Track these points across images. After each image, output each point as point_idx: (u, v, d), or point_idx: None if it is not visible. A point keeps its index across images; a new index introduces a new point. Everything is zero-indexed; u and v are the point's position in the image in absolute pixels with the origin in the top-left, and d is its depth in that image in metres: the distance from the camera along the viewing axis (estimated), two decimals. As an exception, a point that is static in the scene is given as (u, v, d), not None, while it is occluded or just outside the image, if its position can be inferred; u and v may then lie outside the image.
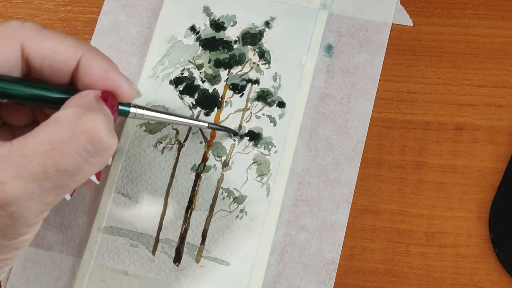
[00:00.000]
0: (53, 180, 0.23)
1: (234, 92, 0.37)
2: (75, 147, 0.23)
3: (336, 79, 0.36)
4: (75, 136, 0.23)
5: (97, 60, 0.27)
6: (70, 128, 0.23)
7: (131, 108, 0.29)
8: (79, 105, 0.25)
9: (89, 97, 0.26)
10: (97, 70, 0.27)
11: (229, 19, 0.38)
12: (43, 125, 0.24)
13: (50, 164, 0.23)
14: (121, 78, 0.27)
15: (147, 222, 0.35)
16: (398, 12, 0.37)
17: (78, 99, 0.25)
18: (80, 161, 0.24)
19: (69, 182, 0.24)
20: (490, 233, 0.33)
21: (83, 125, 0.24)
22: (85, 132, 0.24)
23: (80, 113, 0.24)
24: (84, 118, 0.24)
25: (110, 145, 0.25)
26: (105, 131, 0.24)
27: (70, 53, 0.26)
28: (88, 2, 0.39)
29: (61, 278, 0.34)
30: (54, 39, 0.26)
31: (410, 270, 0.33)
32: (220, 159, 0.35)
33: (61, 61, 0.26)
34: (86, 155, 0.24)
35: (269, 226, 0.34)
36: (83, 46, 0.27)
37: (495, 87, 0.35)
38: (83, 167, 0.24)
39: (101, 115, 0.24)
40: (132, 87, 0.28)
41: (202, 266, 0.34)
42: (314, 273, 0.33)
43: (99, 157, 0.24)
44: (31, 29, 0.26)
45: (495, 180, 0.34)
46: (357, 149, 0.35)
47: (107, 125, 0.24)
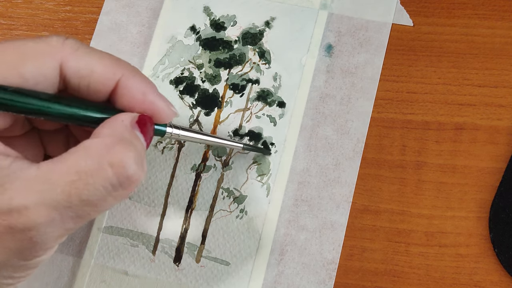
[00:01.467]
0: (75, 209, 0.23)
1: (234, 92, 0.37)
2: (101, 180, 0.23)
3: (336, 79, 0.36)
4: (102, 168, 0.23)
5: (135, 81, 0.26)
6: (98, 160, 0.23)
7: (168, 128, 0.28)
8: (111, 135, 0.24)
9: (124, 124, 0.25)
10: (135, 93, 0.26)
11: (229, 19, 0.38)
12: (72, 151, 0.24)
13: (74, 194, 0.23)
14: (159, 100, 0.27)
15: (147, 222, 0.35)
16: (398, 12, 0.37)
17: (112, 125, 0.25)
18: (104, 194, 0.24)
19: (91, 211, 0.24)
20: (490, 233, 0.33)
21: (112, 158, 0.23)
22: (113, 166, 0.23)
23: (110, 144, 0.24)
24: (113, 151, 0.23)
25: (137, 179, 0.24)
26: (133, 165, 0.24)
27: (108, 74, 0.26)
28: (88, 2, 0.39)
29: (61, 278, 0.34)
30: (93, 58, 0.26)
31: (410, 270, 0.33)
32: (220, 159, 0.35)
33: (99, 82, 0.26)
34: (111, 188, 0.24)
35: (269, 226, 0.34)
36: (122, 66, 0.26)
37: (495, 87, 0.35)
38: (106, 199, 0.24)
39: (131, 148, 0.24)
40: (170, 109, 0.27)
41: (202, 266, 0.34)
42: (314, 273, 0.33)
43: (124, 190, 0.24)
44: (70, 47, 0.25)
45: (495, 180, 0.34)
46: (357, 149, 0.35)
47: (136, 158, 0.24)
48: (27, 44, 0.25)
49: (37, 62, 0.25)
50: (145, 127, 0.26)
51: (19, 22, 0.39)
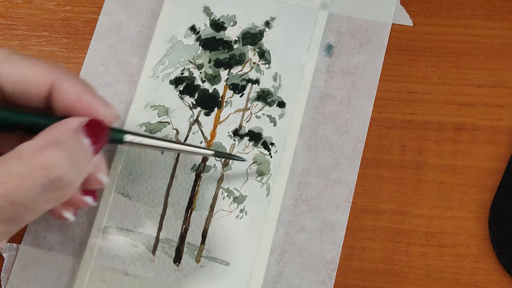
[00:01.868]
0: (6, 211, 0.23)
1: (234, 92, 0.37)
2: (30, 181, 0.23)
3: (336, 79, 0.36)
4: (31, 171, 0.23)
5: (69, 84, 0.26)
6: (28, 162, 0.23)
7: (126, 136, 0.28)
8: (48, 138, 0.24)
9: (66, 128, 0.25)
10: (70, 95, 0.26)
11: (229, 19, 0.38)
12: (6, 155, 0.24)
13: (3, 196, 0.23)
14: (96, 102, 0.27)
15: (147, 222, 0.35)
16: (398, 12, 0.37)
17: (53, 129, 0.25)
18: (35, 195, 0.24)
19: (24, 214, 0.24)
20: (490, 233, 0.33)
21: (42, 159, 0.24)
22: (43, 167, 0.23)
23: (43, 147, 0.24)
24: (45, 153, 0.24)
25: (68, 182, 0.24)
26: (65, 168, 0.24)
27: (41, 78, 0.26)
28: (89, 2, 0.39)
29: (61, 278, 0.34)
30: (24, 64, 0.26)
31: (410, 270, 0.33)
32: (220, 159, 0.35)
33: (32, 87, 0.26)
34: (42, 190, 0.24)
35: (269, 226, 0.34)
36: (55, 70, 0.26)
37: (495, 87, 0.35)
38: (37, 201, 0.24)
39: (65, 151, 0.24)
40: (109, 111, 0.27)
41: (202, 266, 0.34)
42: (314, 273, 0.33)
43: (56, 193, 0.24)
44: (2, 54, 0.26)
45: (495, 180, 0.34)
46: (357, 149, 0.35)
47: (70, 161, 0.24)
48: None
49: None
50: (95, 131, 0.26)
51: (19, 22, 0.39)
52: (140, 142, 0.29)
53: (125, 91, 0.37)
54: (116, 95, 0.37)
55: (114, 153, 0.36)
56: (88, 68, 0.38)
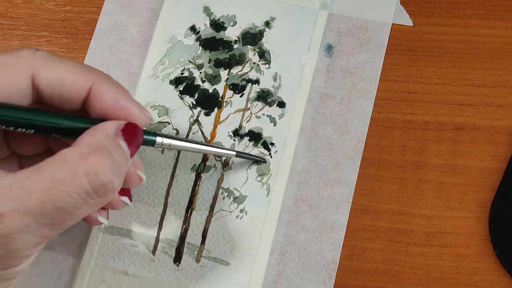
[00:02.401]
0: (50, 216, 0.24)
1: (234, 92, 0.37)
2: (75, 188, 0.24)
3: (336, 79, 0.36)
4: (76, 176, 0.24)
5: (107, 88, 0.27)
6: (72, 168, 0.24)
7: (157, 138, 0.29)
8: (89, 144, 0.25)
9: (106, 132, 0.25)
10: (107, 99, 0.27)
11: (229, 19, 0.38)
12: (49, 161, 0.24)
13: (48, 201, 0.23)
14: (132, 105, 0.27)
15: (147, 222, 0.35)
16: (398, 12, 0.37)
17: (93, 134, 0.25)
18: (79, 201, 0.24)
19: (66, 219, 0.24)
20: (490, 233, 0.33)
21: (86, 167, 0.24)
22: (87, 174, 0.24)
23: (86, 153, 0.24)
24: (89, 160, 0.24)
25: (112, 188, 0.25)
26: (109, 174, 0.24)
27: (79, 83, 0.26)
28: (88, 2, 0.39)
29: (62, 278, 0.34)
30: (63, 67, 0.26)
31: (410, 270, 0.33)
32: (220, 159, 0.35)
33: (71, 91, 0.26)
34: (86, 196, 0.24)
35: (269, 226, 0.34)
36: (93, 74, 0.27)
37: (495, 87, 0.35)
38: (81, 206, 0.24)
39: (108, 157, 0.24)
40: (144, 114, 0.27)
41: (202, 266, 0.34)
42: (314, 273, 0.33)
43: (99, 198, 0.25)
44: (40, 58, 0.26)
45: (495, 180, 0.34)
46: (357, 149, 0.35)
47: (113, 167, 0.25)
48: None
49: (8, 74, 0.25)
50: (131, 135, 0.26)
51: (19, 22, 0.39)
52: (170, 143, 0.29)
53: (125, 91, 0.37)
54: (116, 95, 0.37)
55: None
56: (88, 68, 0.38)
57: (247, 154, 0.35)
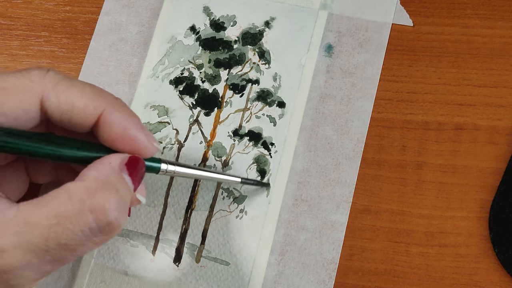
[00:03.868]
0: (53, 253, 0.23)
1: (234, 92, 0.37)
2: (80, 225, 0.23)
3: (336, 79, 0.36)
4: (82, 214, 0.23)
5: (116, 116, 0.26)
6: (79, 205, 0.23)
7: (162, 165, 0.28)
8: (96, 178, 0.24)
9: (111, 167, 0.25)
10: (116, 128, 0.26)
11: (229, 19, 0.38)
12: (54, 194, 0.23)
13: (52, 238, 0.23)
14: (140, 135, 0.26)
15: (147, 222, 0.35)
16: (398, 12, 0.37)
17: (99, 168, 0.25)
18: (83, 239, 0.23)
19: (69, 255, 0.24)
20: (490, 233, 0.33)
21: (93, 203, 0.23)
22: (94, 212, 0.23)
23: (92, 189, 0.24)
24: (95, 196, 0.23)
25: (117, 226, 0.24)
26: (115, 212, 0.24)
27: (89, 109, 0.26)
28: (88, 2, 0.39)
29: (62, 279, 0.34)
30: (74, 92, 0.25)
31: (410, 270, 0.33)
32: (220, 159, 0.35)
33: (80, 116, 0.26)
34: (90, 233, 0.24)
35: (269, 226, 0.34)
36: (104, 100, 0.26)
37: (495, 87, 0.35)
38: (85, 243, 0.24)
39: (115, 194, 0.24)
40: (152, 144, 0.27)
41: (202, 266, 0.34)
42: (314, 273, 0.33)
43: (104, 236, 0.24)
44: (50, 81, 0.25)
45: (495, 180, 0.34)
46: (357, 149, 0.35)
47: (119, 204, 0.24)
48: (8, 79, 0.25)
49: (17, 98, 0.25)
50: (135, 169, 0.26)
51: (19, 22, 0.39)
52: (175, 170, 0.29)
53: (125, 91, 0.37)
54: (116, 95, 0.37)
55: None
56: (88, 68, 0.38)
57: (252, 180, 0.34)
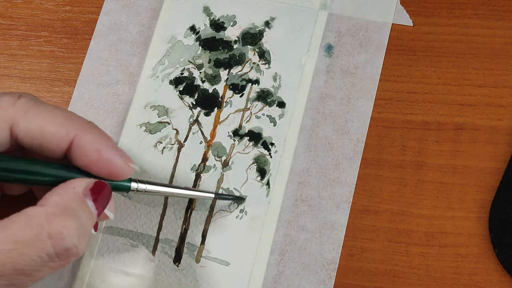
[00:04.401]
0: (9, 278, 0.23)
1: (234, 92, 0.37)
2: (38, 251, 0.23)
3: (336, 79, 0.36)
4: (40, 239, 0.23)
5: (89, 140, 0.26)
6: (36, 230, 0.23)
7: (132, 184, 0.28)
8: (56, 204, 0.24)
9: (74, 192, 0.25)
10: (89, 151, 0.26)
11: (229, 19, 0.38)
12: (14, 220, 0.23)
13: (8, 263, 0.23)
14: (115, 157, 0.26)
15: (147, 222, 0.35)
16: (398, 12, 0.37)
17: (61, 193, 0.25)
18: (40, 264, 0.23)
19: (26, 281, 0.24)
20: (490, 233, 0.33)
21: (51, 229, 0.23)
22: (52, 238, 0.23)
23: (52, 214, 0.23)
24: (54, 222, 0.23)
25: (76, 252, 0.24)
26: (74, 238, 0.24)
27: (61, 134, 0.25)
28: (88, 2, 0.39)
29: (61, 278, 0.34)
30: (44, 118, 0.25)
31: (410, 270, 0.33)
32: (220, 159, 0.35)
33: (52, 142, 0.25)
34: (48, 259, 0.23)
35: (269, 226, 0.34)
36: (76, 124, 0.26)
37: (495, 87, 0.35)
38: (41, 269, 0.24)
39: (74, 220, 0.24)
40: (128, 166, 0.27)
41: (202, 266, 0.34)
42: (314, 273, 0.33)
43: (60, 261, 0.24)
44: (20, 107, 0.25)
45: (495, 180, 0.34)
46: (357, 149, 0.35)
47: (79, 231, 0.24)
48: None
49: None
50: (100, 194, 0.26)
51: (19, 22, 0.39)
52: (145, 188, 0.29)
53: (125, 91, 0.37)
54: (116, 95, 0.37)
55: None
56: (88, 68, 0.38)
57: (226, 195, 0.34)
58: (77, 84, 0.37)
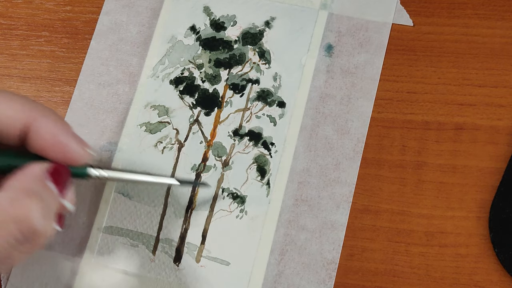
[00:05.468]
0: None
1: (234, 92, 0.37)
2: (4, 236, 0.23)
3: (336, 79, 0.36)
4: (5, 224, 0.23)
5: (45, 124, 0.26)
6: (1, 217, 0.23)
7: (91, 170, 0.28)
8: (18, 188, 0.24)
9: (34, 175, 0.25)
10: (45, 136, 0.26)
11: (229, 19, 0.38)
12: None
13: None
14: (71, 142, 0.26)
15: (147, 222, 0.35)
16: (398, 12, 0.37)
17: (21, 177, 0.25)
18: (9, 249, 0.23)
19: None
20: (490, 233, 0.33)
21: (15, 212, 0.23)
22: (17, 221, 0.23)
23: (15, 198, 0.23)
24: (18, 205, 0.23)
25: (43, 233, 0.24)
26: (40, 219, 0.23)
27: (17, 117, 0.25)
28: (89, 2, 0.39)
29: (61, 278, 0.34)
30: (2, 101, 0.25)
31: (410, 270, 0.33)
32: (220, 159, 0.35)
33: (8, 124, 0.25)
34: (16, 243, 0.23)
35: (269, 226, 0.34)
36: (34, 109, 0.26)
37: (495, 87, 0.35)
38: (11, 254, 0.23)
39: (38, 201, 0.24)
40: (85, 150, 0.26)
41: (202, 266, 0.34)
42: (314, 273, 0.33)
43: (30, 244, 0.24)
44: None
45: (495, 180, 0.34)
46: (357, 149, 0.35)
47: (44, 211, 0.24)
48: None
49: None
50: (60, 176, 0.26)
51: (19, 22, 0.39)
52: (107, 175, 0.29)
53: (125, 91, 0.37)
54: (116, 95, 0.37)
55: (114, 153, 0.36)
56: (88, 68, 0.38)
57: (190, 181, 0.34)
58: (78, 84, 0.37)
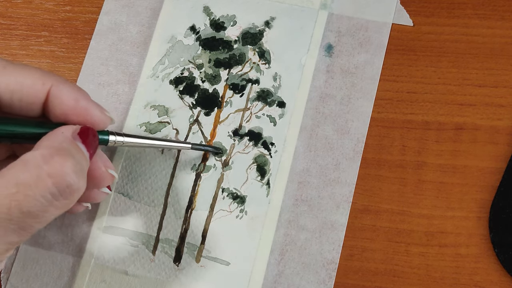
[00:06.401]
0: (17, 221, 0.23)
1: (234, 92, 0.37)
2: (40, 191, 0.24)
3: (336, 79, 0.36)
4: (41, 179, 0.23)
5: (66, 90, 0.27)
6: (36, 172, 0.23)
7: (110, 136, 0.29)
8: (50, 146, 0.25)
9: (64, 136, 0.26)
10: (67, 100, 0.27)
11: (229, 19, 0.38)
12: (11, 166, 0.24)
13: (14, 206, 0.23)
14: (92, 106, 0.27)
15: (147, 222, 0.35)
16: (398, 12, 0.37)
17: (52, 137, 0.26)
18: (45, 204, 0.24)
19: (33, 223, 0.24)
20: (490, 233, 0.33)
21: (50, 168, 0.24)
22: (52, 176, 0.24)
23: (48, 156, 0.24)
24: (52, 162, 0.24)
25: (77, 188, 0.25)
26: (73, 174, 0.24)
27: (38, 85, 0.26)
28: (88, 2, 0.39)
29: (61, 278, 0.34)
30: (21, 72, 0.26)
31: (410, 270, 0.33)
32: (220, 159, 0.35)
33: (30, 94, 0.26)
34: (52, 198, 0.24)
35: (269, 226, 0.34)
36: (51, 77, 0.27)
37: (495, 87, 0.35)
38: (47, 209, 0.24)
39: (70, 158, 0.25)
40: (105, 114, 0.28)
41: (202, 266, 0.34)
42: (314, 273, 0.33)
43: (65, 200, 0.25)
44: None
45: (495, 180, 0.34)
46: (357, 149, 0.35)
47: (76, 167, 0.25)
48: None
49: None
50: (87, 137, 0.27)
51: (19, 22, 0.39)
52: (123, 140, 0.30)
53: (125, 91, 0.37)
54: (116, 95, 0.37)
55: (114, 153, 0.36)
56: (88, 68, 0.38)
57: (202, 146, 0.35)
58: (77, 83, 0.37)
